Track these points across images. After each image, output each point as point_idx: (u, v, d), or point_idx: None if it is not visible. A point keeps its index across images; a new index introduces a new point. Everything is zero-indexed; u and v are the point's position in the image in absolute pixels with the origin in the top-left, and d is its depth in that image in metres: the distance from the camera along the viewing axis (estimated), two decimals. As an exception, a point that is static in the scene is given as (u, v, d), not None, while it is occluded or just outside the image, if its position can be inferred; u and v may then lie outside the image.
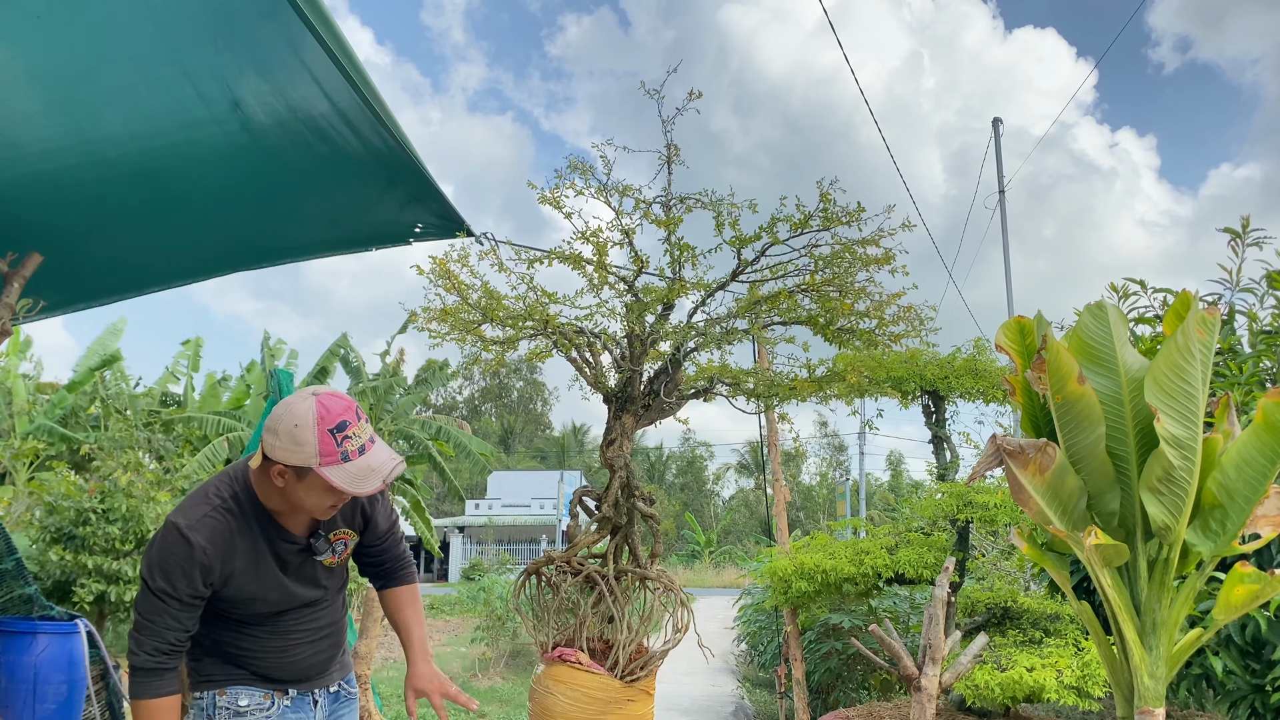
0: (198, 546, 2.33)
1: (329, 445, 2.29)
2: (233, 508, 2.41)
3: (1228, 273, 6.26)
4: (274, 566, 2.47)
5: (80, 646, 5.45)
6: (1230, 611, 3.22)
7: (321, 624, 2.64)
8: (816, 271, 2.55)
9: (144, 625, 2.34)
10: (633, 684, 2.52)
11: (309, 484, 2.34)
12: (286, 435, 2.30)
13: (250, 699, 2.53)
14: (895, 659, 4.41)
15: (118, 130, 3.55)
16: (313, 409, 2.31)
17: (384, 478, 2.34)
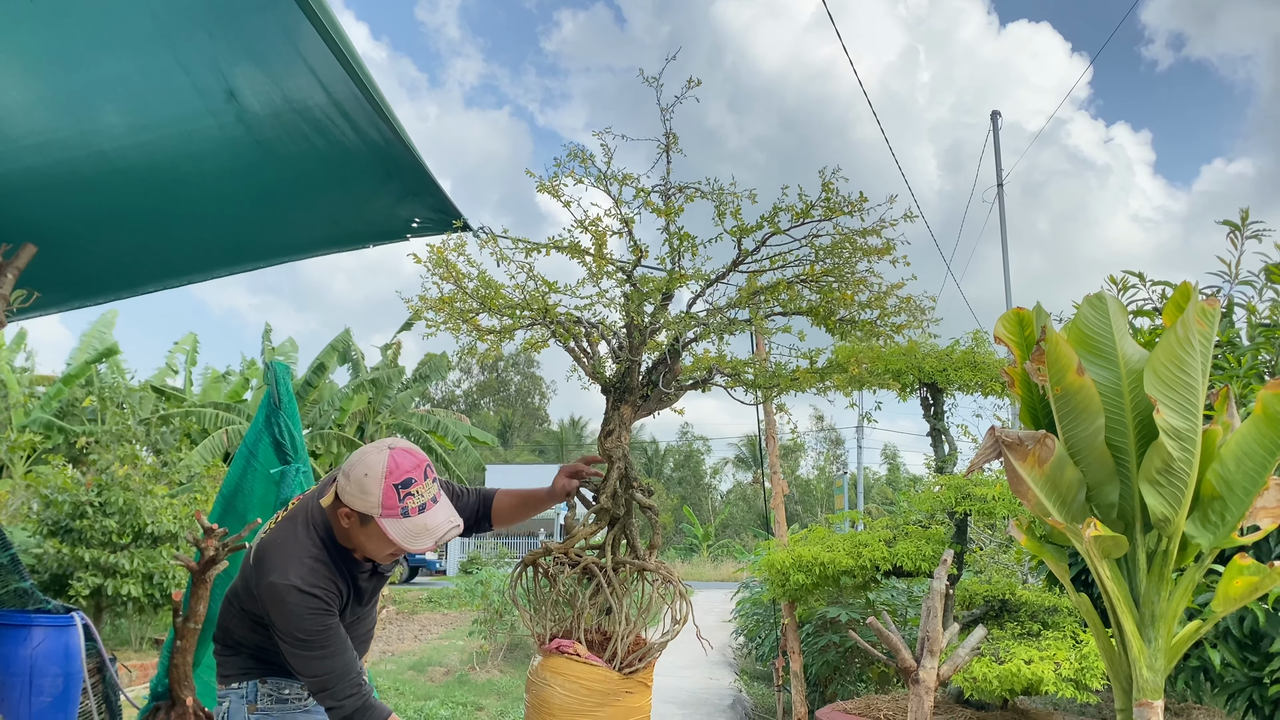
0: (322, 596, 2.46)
1: (391, 499, 2.44)
2: (324, 557, 2.54)
3: (1227, 265, 6.25)
4: (354, 600, 2.63)
5: (76, 639, 5.44)
6: (1229, 603, 3.22)
7: (363, 630, 2.77)
8: (817, 261, 2.54)
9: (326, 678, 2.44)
10: (631, 675, 2.51)
11: (369, 531, 2.49)
12: (356, 483, 2.46)
13: (291, 689, 2.65)
14: (893, 651, 4.41)
15: (112, 122, 3.52)
16: (384, 462, 2.46)
17: (436, 539, 2.50)
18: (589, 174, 2.47)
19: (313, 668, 2.43)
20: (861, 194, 2.41)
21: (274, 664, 2.64)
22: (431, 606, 20.04)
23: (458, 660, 11.94)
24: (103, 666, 5.82)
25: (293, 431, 5.44)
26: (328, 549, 2.55)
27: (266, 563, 2.50)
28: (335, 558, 2.56)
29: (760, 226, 2.53)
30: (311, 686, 2.47)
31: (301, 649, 2.43)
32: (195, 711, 4.52)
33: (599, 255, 2.49)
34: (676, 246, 2.52)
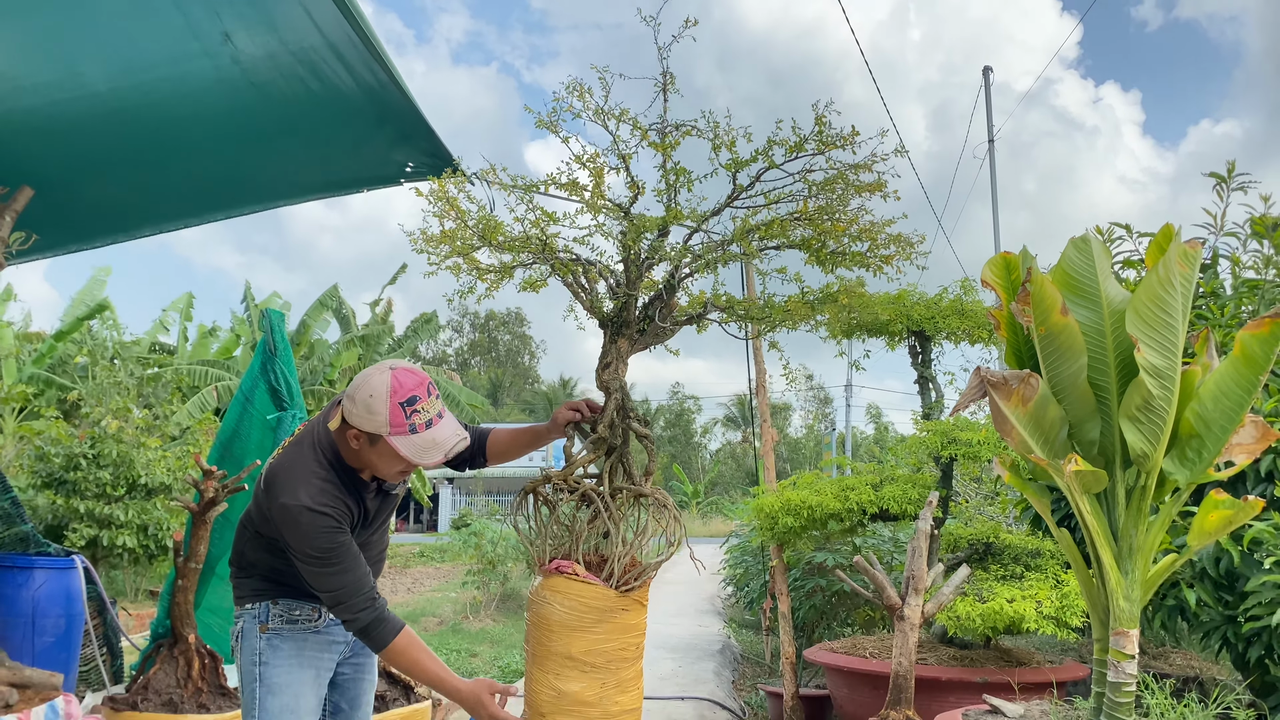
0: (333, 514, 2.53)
1: (399, 416, 2.50)
2: (333, 479, 2.60)
3: (1212, 218, 6.31)
4: (362, 512, 2.68)
5: (77, 582, 5.53)
6: (1204, 537, 3.32)
7: (374, 552, 2.84)
8: (811, 197, 2.59)
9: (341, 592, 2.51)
10: (627, 594, 2.61)
11: (379, 450, 2.55)
12: (362, 404, 2.52)
13: (302, 610, 2.73)
14: (879, 589, 4.53)
15: (108, 63, 3.53)
16: (387, 382, 2.52)
17: (446, 451, 2.56)
18: (587, 108, 2.51)
19: (328, 583, 2.51)
20: (854, 128, 2.46)
21: (286, 585, 2.72)
22: (424, 560, 20.23)
23: (451, 611, 12.10)
24: (103, 609, 5.91)
25: (288, 378, 5.50)
26: (335, 470, 2.61)
27: (277, 486, 2.56)
28: (342, 478, 2.62)
29: (755, 160, 2.58)
30: (327, 601, 2.55)
31: (316, 566, 2.50)
32: (197, 648, 4.62)
33: (596, 191, 2.54)
34: (672, 183, 2.57)
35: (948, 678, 4.83)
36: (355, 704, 2.90)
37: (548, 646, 2.58)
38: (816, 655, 5.48)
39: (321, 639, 2.75)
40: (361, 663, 2.92)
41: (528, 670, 2.66)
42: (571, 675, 2.54)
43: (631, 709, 2.64)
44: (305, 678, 2.71)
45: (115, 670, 6.01)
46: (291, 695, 2.67)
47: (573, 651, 2.54)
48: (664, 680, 7.49)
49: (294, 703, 2.67)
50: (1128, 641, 3.30)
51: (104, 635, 5.98)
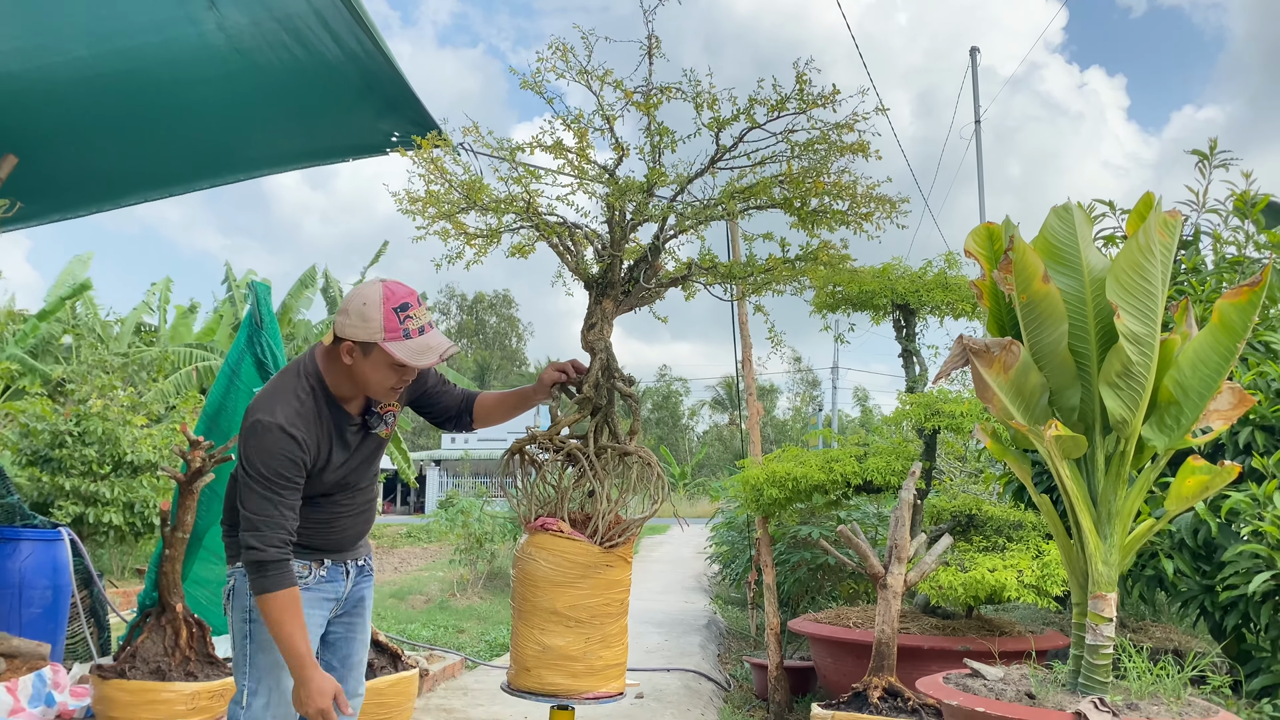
0: (300, 441, 2.54)
1: (393, 321, 2.53)
2: (310, 402, 2.61)
3: (1195, 194, 6.36)
4: (341, 446, 2.68)
5: (64, 554, 5.53)
6: (1182, 501, 3.37)
7: (361, 500, 2.85)
8: (794, 158, 2.61)
9: (263, 520, 2.50)
10: (611, 550, 2.64)
11: (374, 360, 2.56)
12: (356, 313, 2.54)
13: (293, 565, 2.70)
14: (862, 558, 4.58)
15: (91, 27, 3.51)
16: (380, 290, 2.56)
17: (440, 353, 2.58)
18: (570, 69, 2.52)
19: (259, 505, 2.49)
20: (835, 86, 2.48)
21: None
22: (411, 541, 20.26)
23: (438, 589, 12.13)
24: (90, 582, 5.91)
25: (275, 350, 5.49)
26: (316, 397, 2.62)
27: (256, 405, 2.58)
28: (323, 406, 2.62)
29: (736, 119, 2.59)
30: (244, 523, 2.52)
31: (259, 485, 2.49)
32: (185, 617, 4.63)
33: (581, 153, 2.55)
34: (657, 144, 2.58)
35: (930, 646, 4.90)
36: (346, 662, 2.91)
37: (533, 602, 2.61)
38: (801, 626, 5.53)
39: (311, 595, 2.74)
40: (353, 622, 2.92)
41: (514, 627, 2.70)
42: (556, 630, 2.58)
43: (615, 663, 2.68)
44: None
45: (103, 643, 6.01)
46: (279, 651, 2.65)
47: (557, 606, 2.57)
48: (650, 653, 7.55)
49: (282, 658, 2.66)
50: (1106, 605, 3.35)
51: (91, 608, 5.98)
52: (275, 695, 2.67)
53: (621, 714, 5.58)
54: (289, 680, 2.64)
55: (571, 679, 2.61)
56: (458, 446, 42.60)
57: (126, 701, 4.35)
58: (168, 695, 4.41)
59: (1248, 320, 3.29)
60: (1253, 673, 4.53)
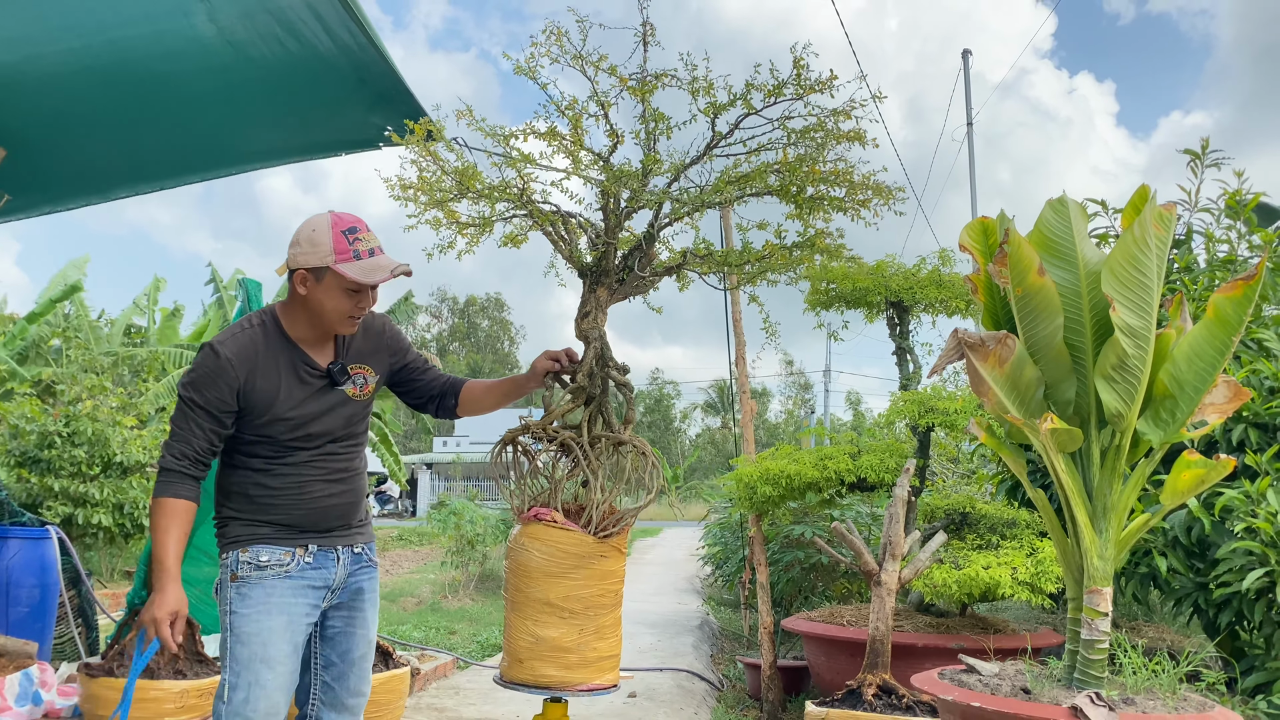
0: (224, 358, 2.59)
1: (342, 244, 2.60)
2: (259, 333, 2.69)
3: (1187, 194, 6.37)
4: (296, 383, 2.69)
5: (52, 551, 5.48)
6: (1177, 495, 3.36)
7: (339, 465, 2.80)
8: (790, 145, 2.59)
9: (174, 434, 2.60)
10: (605, 540, 2.61)
11: (327, 285, 2.62)
12: (306, 240, 2.62)
13: (271, 555, 2.69)
14: (857, 555, 4.56)
15: (83, 18, 3.48)
16: (328, 216, 2.65)
17: (392, 270, 2.63)
18: (565, 53, 2.50)
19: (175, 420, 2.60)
20: (832, 71, 2.46)
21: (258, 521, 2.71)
22: (402, 544, 20.20)
23: (430, 591, 12.09)
24: (78, 580, 5.87)
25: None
26: (265, 330, 2.69)
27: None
28: (272, 338, 2.68)
29: (733, 104, 2.57)
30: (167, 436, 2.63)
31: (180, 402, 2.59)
32: (176, 616, 4.58)
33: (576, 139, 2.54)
34: (652, 130, 2.57)
35: (924, 644, 4.88)
36: (346, 658, 2.86)
37: (526, 593, 2.58)
38: (794, 624, 5.52)
39: (294, 584, 2.70)
40: (352, 616, 2.87)
41: (506, 618, 2.67)
42: (550, 621, 2.55)
43: (609, 655, 2.65)
44: (275, 625, 2.66)
45: (90, 643, 5.97)
46: (260, 644, 2.63)
47: (551, 597, 2.55)
48: (643, 653, 7.52)
49: (262, 651, 2.63)
50: (1101, 599, 3.34)
51: (79, 608, 5.93)
52: (255, 690, 2.62)
53: (614, 713, 5.55)
54: (269, 674, 2.62)
55: (565, 670, 2.58)
56: (449, 450, 42.52)
57: (114, 700, 4.31)
58: (156, 693, 4.38)
59: (1242, 314, 3.29)
60: (1247, 670, 4.52)
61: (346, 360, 2.78)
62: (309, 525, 2.75)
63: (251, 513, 2.72)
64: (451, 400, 2.97)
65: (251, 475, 2.72)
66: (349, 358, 2.80)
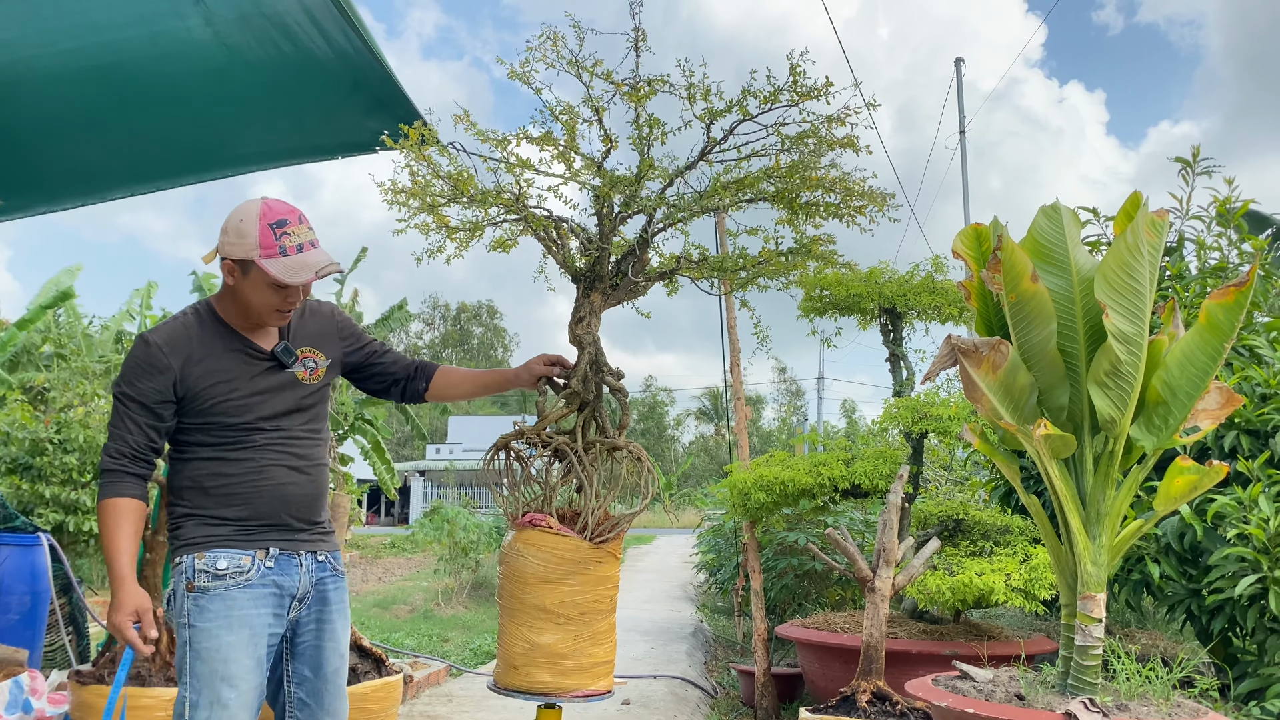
0: (154, 345, 2.52)
1: (268, 239, 2.49)
2: (193, 320, 2.61)
3: (1178, 201, 6.40)
4: (239, 364, 2.60)
5: (43, 559, 5.45)
6: (1170, 502, 3.37)
7: (299, 451, 2.67)
8: (784, 151, 2.59)
9: (111, 433, 2.51)
10: (601, 545, 2.61)
11: (252, 280, 2.53)
12: (233, 230, 2.52)
13: (229, 561, 2.53)
14: (851, 562, 4.56)
15: (78, 20, 3.47)
16: (258, 207, 2.53)
17: (317, 270, 2.52)
18: (561, 58, 2.50)
19: (112, 420, 2.51)
20: (828, 79, 2.47)
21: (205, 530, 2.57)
22: (395, 551, 20.15)
23: (422, 599, 12.05)
24: (69, 588, 5.84)
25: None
26: (199, 317, 2.61)
27: None
28: (207, 326, 2.60)
29: (729, 110, 2.58)
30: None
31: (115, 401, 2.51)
32: (165, 622, 4.56)
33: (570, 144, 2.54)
34: (646, 135, 2.57)
35: (918, 651, 4.88)
36: (319, 672, 2.70)
37: (521, 599, 2.57)
38: (789, 631, 5.51)
39: (254, 593, 2.55)
40: (321, 628, 2.71)
41: (501, 625, 2.66)
42: (545, 627, 2.54)
43: (604, 661, 2.65)
44: (237, 640, 2.50)
45: (81, 650, 5.93)
46: (220, 661, 2.47)
47: (546, 603, 2.53)
48: (637, 660, 7.51)
49: (223, 668, 2.47)
50: (1095, 605, 3.35)
51: (70, 616, 5.90)
52: (218, 709, 2.47)
53: (608, 720, 5.54)
54: (231, 693, 2.47)
55: (560, 677, 2.57)
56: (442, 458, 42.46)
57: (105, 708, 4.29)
58: (147, 701, 4.34)
59: (1234, 320, 3.30)
60: (1240, 676, 4.53)
61: (293, 344, 2.70)
62: (271, 518, 2.61)
63: (209, 508, 2.57)
64: (422, 384, 2.88)
65: (206, 465, 2.59)
66: (295, 341, 2.71)
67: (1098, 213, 6.38)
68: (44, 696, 4.78)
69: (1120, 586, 5.07)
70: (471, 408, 54.33)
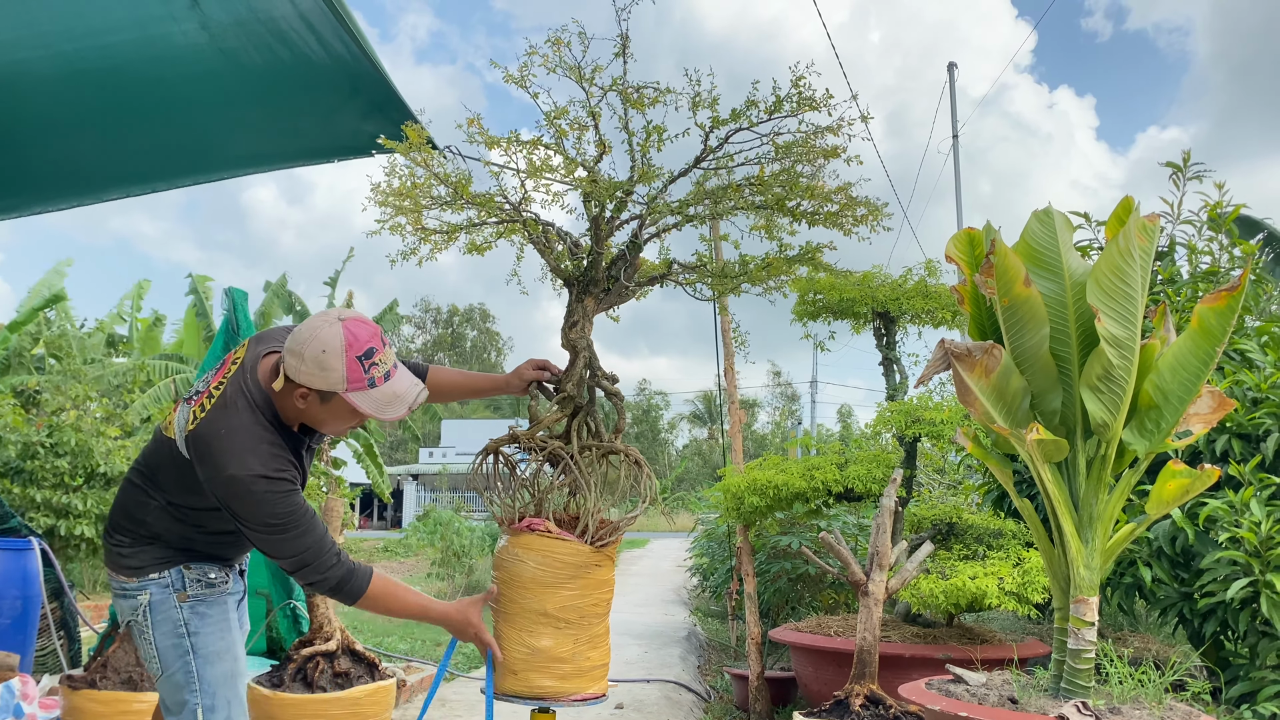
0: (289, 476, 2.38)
1: (356, 372, 2.32)
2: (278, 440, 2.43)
3: (1169, 206, 6.43)
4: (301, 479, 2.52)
5: (34, 563, 5.44)
6: (1162, 505, 3.39)
7: None
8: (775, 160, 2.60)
9: (312, 548, 2.38)
10: (600, 549, 2.62)
11: (333, 407, 2.40)
12: (313, 361, 2.31)
13: (217, 573, 2.61)
14: (844, 565, 4.56)
15: (73, 24, 3.48)
16: (340, 336, 2.32)
17: (409, 404, 2.40)
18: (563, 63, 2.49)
19: (290, 548, 2.36)
20: (828, 90, 2.48)
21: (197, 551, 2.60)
22: (388, 555, 20.10)
23: (415, 602, 12.04)
24: (61, 593, 5.82)
25: (253, 357, 5.44)
26: (278, 430, 2.44)
27: (218, 456, 2.33)
28: (284, 437, 2.46)
29: (736, 118, 2.58)
30: (290, 566, 2.41)
31: (277, 534, 2.34)
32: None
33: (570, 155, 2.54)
34: (644, 142, 2.57)
35: (911, 654, 4.89)
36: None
37: (519, 604, 2.57)
38: (782, 635, 5.52)
39: (233, 600, 2.67)
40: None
41: (497, 629, 2.66)
42: (545, 632, 2.55)
43: (601, 664, 2.65)
44: (237, 639, 2.64)
45: (73, 655, 5.92)
46: (231, 660, 2.58)
47: (546, 608, 2.54)
48: (630, 664, 7.50)
49: (234, 666, 2.59)
50: (1088, 609, 3.36)
51: (61, 620, 5.88)
52: (236, 706, 2.55)
53: (601, 724, 5.54)
54: (242, 689, 2.59)
55: (560, 680, 2.59)
56: (435, 461, 42.40)
57: (97, 712, 4.27)
58: (139, 706, 4.33)
59: (1226, 325, 3.32)
60: (1231, 679, 4.55)
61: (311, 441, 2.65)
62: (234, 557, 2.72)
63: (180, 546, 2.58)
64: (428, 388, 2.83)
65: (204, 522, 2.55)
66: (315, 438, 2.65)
67: (1090, 217, 6.41)
68: (35, 701, 4.76)
69: (1113, 590, 5.08)
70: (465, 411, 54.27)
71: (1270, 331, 5.25)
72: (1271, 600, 4.11)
